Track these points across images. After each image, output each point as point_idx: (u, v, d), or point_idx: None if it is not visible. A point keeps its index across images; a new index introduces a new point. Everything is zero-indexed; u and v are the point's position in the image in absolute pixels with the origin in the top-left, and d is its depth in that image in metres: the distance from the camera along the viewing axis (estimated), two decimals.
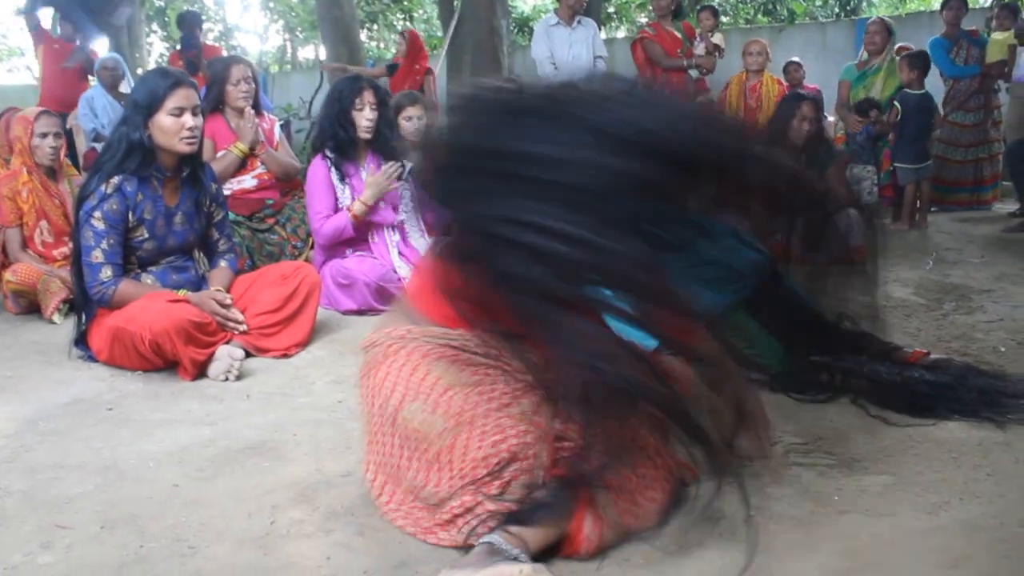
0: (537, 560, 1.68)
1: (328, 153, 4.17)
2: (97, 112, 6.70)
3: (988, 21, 8.05)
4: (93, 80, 7.65)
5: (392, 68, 9.03)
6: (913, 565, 1.72)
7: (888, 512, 1.95)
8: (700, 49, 7.36)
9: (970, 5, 7.85)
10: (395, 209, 4.28)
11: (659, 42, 7.33)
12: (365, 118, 4.15)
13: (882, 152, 6.58)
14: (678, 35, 7.40)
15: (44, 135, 4.37)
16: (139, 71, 8.79)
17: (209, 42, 8.98)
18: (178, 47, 8.26)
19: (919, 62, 6.40)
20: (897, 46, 6.96)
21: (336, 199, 4.14)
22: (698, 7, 8.52)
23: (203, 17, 11.75)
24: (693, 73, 7.36)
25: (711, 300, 2.96)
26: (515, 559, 1.63)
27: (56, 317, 4.12)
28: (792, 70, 7.76)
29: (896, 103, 6.33)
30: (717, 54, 7.50)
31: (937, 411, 2.53)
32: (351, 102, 4.13)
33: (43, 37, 8.19)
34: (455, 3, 10.91)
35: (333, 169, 4.15)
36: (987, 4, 10.70)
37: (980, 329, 3.45)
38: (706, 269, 2.99)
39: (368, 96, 4.15)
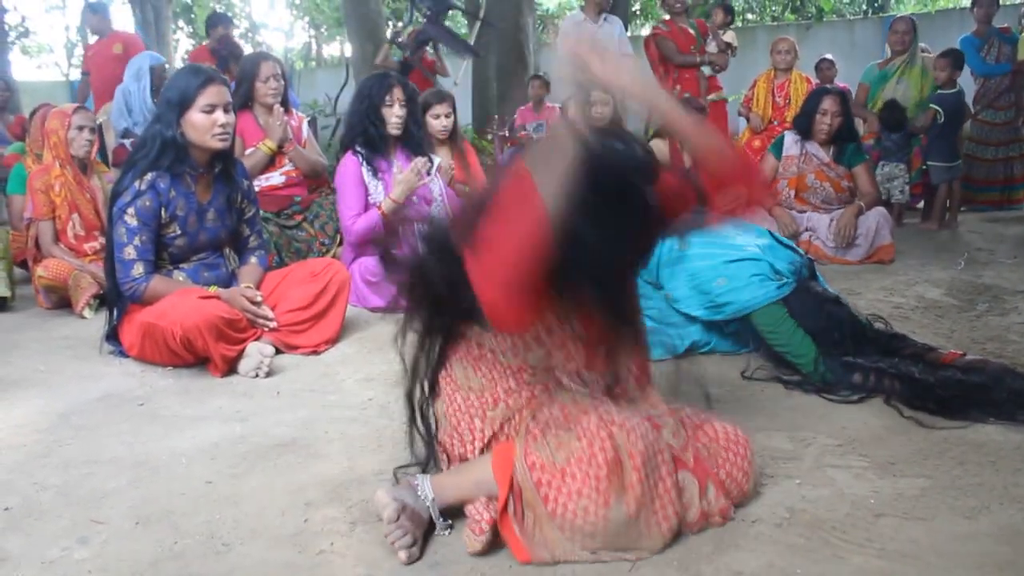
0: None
1: (359, 148, 4.17)
2: (133, 110, 6.72)
3: (1021, 19, 7.96)
4: None
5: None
6: (953, 571, 1.70)
7: (926, 516, 1.92)
8: (712, 47, 7.33)
9: (1001, 2, 7.76)
10: (428, 203, 4.27)
11: (672, 39, 7.30)
12: (395, 114, 4.15)
13: (912, 151, 6.52)
14: (692, 32, 7.37)
15: (81, 128, 4.43)
16: (168, 66, 8.80)
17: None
18: (204, 43, 8.23)
19: (954, 61, 6.33)
20: (920, 46, 6.89)
21: (367, 196, 4.13)
22: (713, 3, 8.46)
23: (229, 15, 11.81)
24: (706, 70, 7.32)
25: (752, 296, 2.96)
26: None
27: (86, 312, 4.15)
28: (824, 68, 7.69)
29: (934, 106, 6.26)
30: (729, 52, 7.46)
31: (972, 413, 2.50)
32: (381, 99, 4.14)
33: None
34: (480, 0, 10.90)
35: (365, 164, 4.15)
36: (1019, 1, 10.59)
37: (1015, 331, 3.41)
38: (746, 265, 2.99)
39: (398, 93, 4.16)
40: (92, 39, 8.34)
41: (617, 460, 1.73)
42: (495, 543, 1.81)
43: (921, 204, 6.79)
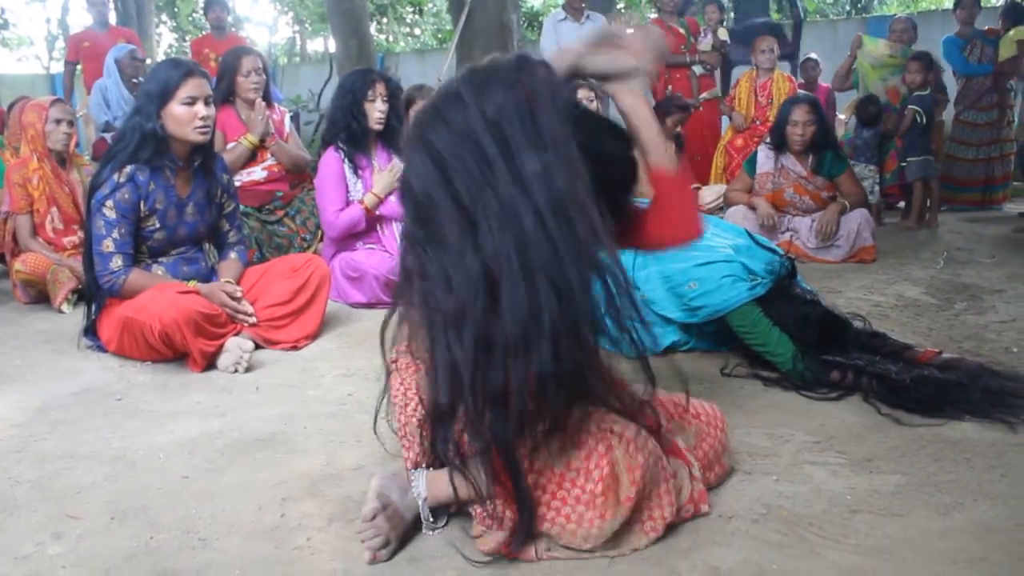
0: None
1: (341, 144, 4.16)
2: (111, 104, 6.69)
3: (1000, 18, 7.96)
4: None
5: None
6: (927, 566, 1.71)
7: (901, 512, 1.93)
8: (705, 44, 7.32)
9: (983, 4, 7.80)
10: None
11: None
12: (377, 109, 4.15)
13: (887, 154, 6.56)
14: (681, 31, 7.36)
15: (58, 121, 4.39)
16: (148, 62, 8.77)
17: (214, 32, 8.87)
18: (201, 33, 8.19)
19: (928, 63, 6.39)
20: None
21: (347, 191, 4.13)
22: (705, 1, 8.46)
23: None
24: (697, 69, 7.32)
25: (724, 298, 2.96)
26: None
27: (65, 307, 4.13)
28: (809, 67, 7.70)
29: (914, 107, 6.30)
30: (722, 49, 7.46)
31: (947, 411, 2.51)
32: (364, 93, 4.13)
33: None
34: None
35: (346, 160, 4.14)
36: (1000, 3, 10.64)
37: (992, 329, 3.43)
38: (718, 267, 2.99)
39: (380, 88, 4.16)
40: (74, 30, 8.31)
41: (613, 476, 1.72)
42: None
43: (902, 204, 6.84)
